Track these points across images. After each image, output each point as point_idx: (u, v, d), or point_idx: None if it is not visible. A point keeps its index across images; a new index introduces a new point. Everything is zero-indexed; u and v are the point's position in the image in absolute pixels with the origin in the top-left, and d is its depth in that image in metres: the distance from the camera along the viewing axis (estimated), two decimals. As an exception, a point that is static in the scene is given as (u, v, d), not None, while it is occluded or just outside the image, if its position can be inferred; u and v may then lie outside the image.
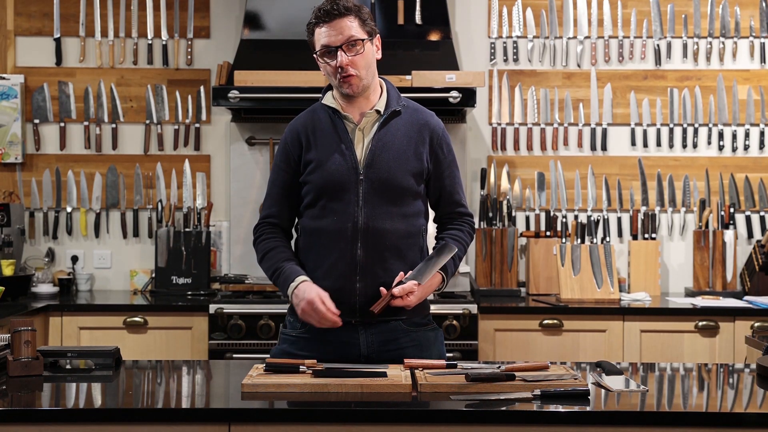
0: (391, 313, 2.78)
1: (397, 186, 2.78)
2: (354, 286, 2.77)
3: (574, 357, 4.27)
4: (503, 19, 5.03)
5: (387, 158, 2.78)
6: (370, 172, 2.77)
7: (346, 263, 2.77)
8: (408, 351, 2.79)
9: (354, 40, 2.75)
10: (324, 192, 2.79)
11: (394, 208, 2.79)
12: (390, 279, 2.78)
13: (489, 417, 2.27)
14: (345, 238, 2.77)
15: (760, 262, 4.67)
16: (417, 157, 2.81)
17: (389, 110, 2.83)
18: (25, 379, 2.60)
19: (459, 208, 2.94)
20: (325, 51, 2.78)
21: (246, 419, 2.29)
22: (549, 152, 5.04)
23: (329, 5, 2.76)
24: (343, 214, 2.77)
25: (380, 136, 2.80)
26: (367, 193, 2.77)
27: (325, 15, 2.75)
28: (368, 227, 2.76)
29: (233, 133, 4.94)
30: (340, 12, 2.74)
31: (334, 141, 2.80)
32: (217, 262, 4.95)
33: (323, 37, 2.77)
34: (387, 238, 2.78)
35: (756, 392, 2.59)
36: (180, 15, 5.04)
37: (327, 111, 2.85)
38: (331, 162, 2.78)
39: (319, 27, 2.77)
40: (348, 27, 2.75)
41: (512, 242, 4.80)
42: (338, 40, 2.75)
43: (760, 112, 5.01)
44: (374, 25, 2.83)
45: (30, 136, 5.02)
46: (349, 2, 2.78)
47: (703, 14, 5.02)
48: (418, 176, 2.82)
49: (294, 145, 2.85)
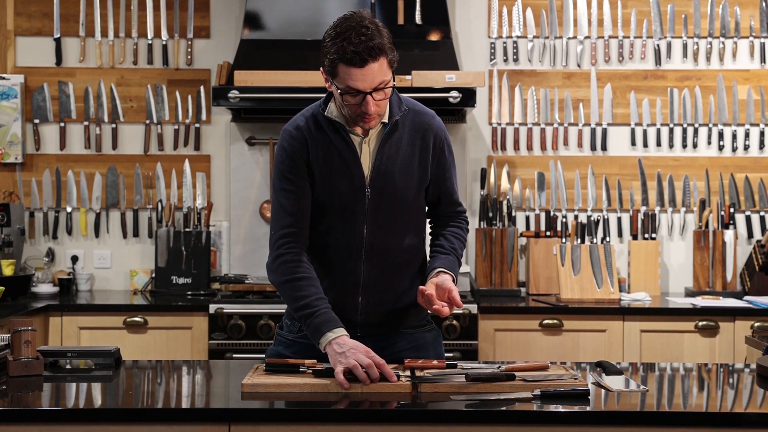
0: (390, 323, 2.77)
1: (402, 200, 2.72)
2: (356, 301, 2.74)
3: (574, 357, 4.27)
4: (503, 19, 5.03)
5: (393, 172, 2.70)
6: (376, 188, 2.69)
7: (350, 280, 2.73)
8: (406, 353, 2.77)
9: (384, 84, 2.57)
10: (330, 209, 2.70)
11: (399, 222, 2.74)
12: (392, 294, 2.75)
13: (489, 417, 2.27)
14: (350, 255, 2.71)
15: (760, 262, 4.67)
16: (421, 168, 2.75)
17: (393, 120, 2.71)
18: (25, 379, 2.60)
19: (458, 208, 2.93)
20: (351, 90, 2.56)
21: (246, 419, 2.29)
22: (549, 152, 5.04)
23: (362, 46, 2.50)
24: (350, 232, 2.70)
25: (385, 149, 2.70)
26: (373, 208, 2.70)
27: (356, 58, 2.51)
28: (373, 245, 2.71)
29: (233, 133, 4.94)
30: (374, 56, 2.52)
31: (343, 158, 2.68)
32: (217, 262, 4.95)
33: (351, 80, 2.54)
34: (392, 255, 2.74)
35: (756, 392, 2.59)
36: (180, 15, 5.04)
37: (333, 125, 2.69)
38: (337, 179, 2.68)
39: (345, 66, 2.53)
40: (379, 71, 2.54)
41: (512, 242, 4.80)
42: (368, 87, 2.54)
43: (760, 112, 5.01)
44: (396, 54, 2.62)
45: (30, 136, 5.02)
46: (378, 38, 2.54)
47: (703, 14, 5.02)
48: (421, 188, 2.77)
49: (301, 151, 2.69)
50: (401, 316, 2.80)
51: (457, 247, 2.85)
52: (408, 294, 2.78)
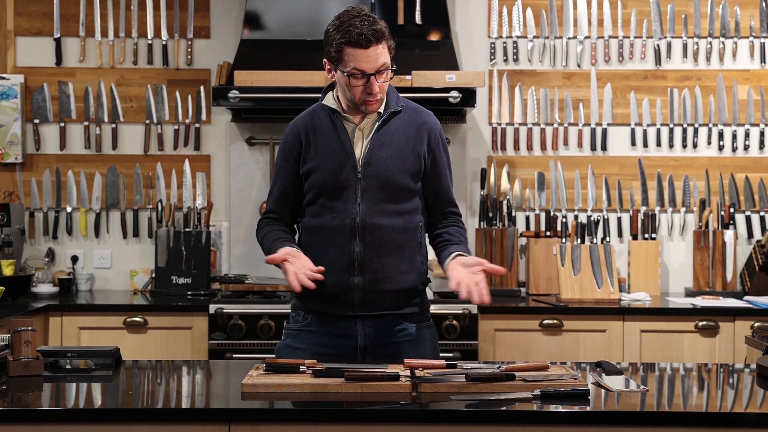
0: (388, 306, 2.83)
1: (394, 184, 2.83)
2: (353, 282, 2.82)
3: (574, 357, 4.27)
4: (503, 19, 5.03)
5: (385, 157, 2.83)
6: (368, 171, 2.82)
7: (345, 259, 2.82)
8: (403, 345, 2.84)
9: (386, 67, 2.78)
10: (323, 190, 2.84)
11: (391, 205, 2.84)
12: (387, 274, 2.83)
13: (489, 417, 2.27)
14: (343, 234, 2.82)
15: (760, 262, 4.67)
16: (415, 156, 2.86)
17: (389, 111, 2.87)
18: (25, 379, 2.60)
19: (453, 208, 2.99)
20: (356, 72, 2.75)
21: (246, 419, 2.30)
22: (549, 152, 5.04)
23: (366, 29, 2.73)
24: (342, 212, 2.82)
25: (379, 136, 2.84)
26: (365, 191, 2.82)
27: (362, 40, 2.72)
28: (366, 223, 2.81)
29: (233, 133, 4.95)
30: (377, 38, 2.74)
31: (333, 141, 2.84)
32: (217, 262, 4.95)
33: (357, 61, 2.73)
34: (385, 234, 2.82)
35: (756, 392, 2.59)
36: (180, 15, 5.04)
37: (327, 111, 2.88)
38: (330, 161, 2.83)
39: (351, 48, 2.73)
40: (381, 53, 2.75)
41: (512, 242, 4.80)
42: (373, 68, 2.75)
43: (760, 112, 5.01)
44: (393, 43, 2.84)
45: (30, 136, 5.02)
46: (381, 24, 2.77)
47: (703, 14, 5.02)
48: (415, 175, 2.87)
49: (294, 144, 2.90)
50: (399, 300, 2.86)
51: (464, 240, 2.94)
52: (405, 277, 2.86)
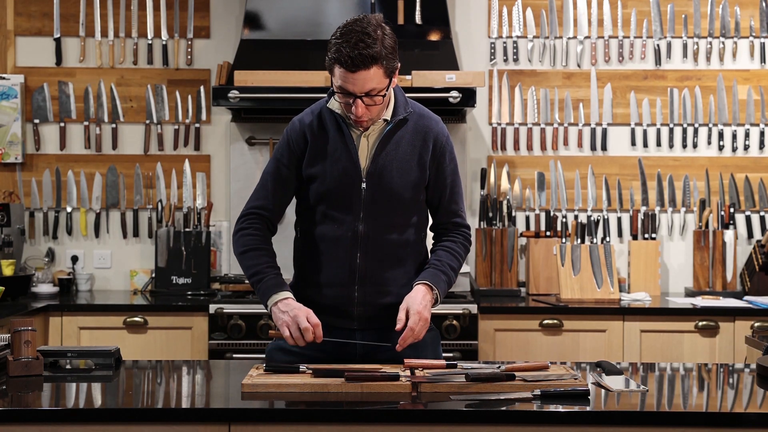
0: (387, 320, 2.76)
1: (398, 198, 2.76)
2: (353, 294, 2.77)
3: (574, 357, 4.27)
4: (503, 19, 5.03)
5: (390, 169, 2.75)
6: (372, 183, 2.74)
7: (346, 271, 2.76)
8: (404, 352, 2.75)
9: (375, 92, 2.64)
10: (325, 198, 2.77)
11: (395, 218, 2.77)
12: (389, 287, 2.77)
13: (489, 417, 2.27)
14: (345, 246, 2.75)
15: (760, 262, 4.67)
16: (420, 167, 2.78)
17: (396, 118, 2.77)
18: (25, 379, 2.60)
19: (456, 219, 2.89)
20: (342, 91, 2.65)
21: (246, 419, 2.30)
22: (549, 152, 5.04)
23: (357, 52, 2.57)
24: (344, 222, 2.75)
25: (385, 145, 2.75)
26: (368, 202, 2.74)
27: (349, 62, 2.58)
28: (368, 236, 2.75)
29: (233, 133, 4.94)
30: (366, 64, 2.58)
31: (339, 147, 2.75)
32: (217, 262, 4.95)
33: (343, 81, 2.62)
34: (387, 247, 2.77)
35: (756, 392, 2.59)
36: (180, 15, 5.04)
37: (334, 115, 2.77)
38: (334, 169, 2.74)
39: (339, 68, 2.61)
40: (370, 79, 2.61)
41: (512, 242, 4.80)
42: (359, 91, 2.62)
43: (760, 112, 5.01)
44: (397, 63, 2.68)
45: (30, 136, 5.02)
46: (376, 47, 2.60)
47: (703, 14, 5.02)
48: (419, 187, 2.80)
49: (299, 142, 2.79)
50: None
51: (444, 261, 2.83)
52: (406, 290, 2.77)
